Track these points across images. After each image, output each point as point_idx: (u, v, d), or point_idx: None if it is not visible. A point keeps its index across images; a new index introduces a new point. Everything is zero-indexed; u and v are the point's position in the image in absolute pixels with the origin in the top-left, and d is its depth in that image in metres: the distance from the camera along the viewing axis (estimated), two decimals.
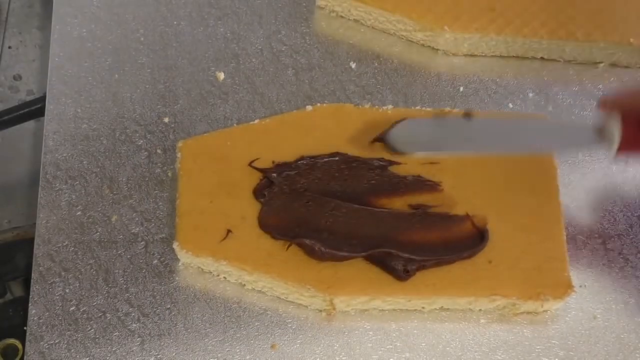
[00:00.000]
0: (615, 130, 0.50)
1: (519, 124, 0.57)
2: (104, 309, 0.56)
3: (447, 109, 0.62)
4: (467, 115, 0.56)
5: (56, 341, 0.54)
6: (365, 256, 0.55)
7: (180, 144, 0.59)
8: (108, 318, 0.55)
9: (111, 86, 0.64)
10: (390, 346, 0.56)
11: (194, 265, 0.57)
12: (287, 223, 0.56)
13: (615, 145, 0.50)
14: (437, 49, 0.67)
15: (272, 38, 0.67)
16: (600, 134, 0.51)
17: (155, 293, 0.56)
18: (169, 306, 0.56)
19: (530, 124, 0.58)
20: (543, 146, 0.56)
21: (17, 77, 0.70)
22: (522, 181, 0.59)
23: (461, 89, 0.66)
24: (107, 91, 0.63)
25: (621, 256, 0.60)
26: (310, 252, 0.55)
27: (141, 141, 0.61)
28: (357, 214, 0.56)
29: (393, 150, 0.57)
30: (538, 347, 0.56)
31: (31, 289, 0.56)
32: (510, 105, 0.65)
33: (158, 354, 0.55)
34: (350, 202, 0.56)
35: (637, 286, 0.59)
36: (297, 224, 0.56)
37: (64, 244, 0.57)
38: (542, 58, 0.68)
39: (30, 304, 0.55)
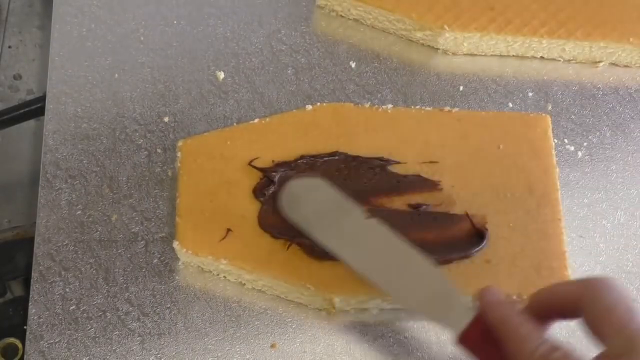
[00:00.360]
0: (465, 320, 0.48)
1: (409, 260, 0.51)
2: (104, 308, 0.56)
3: (447, 108, 0.62)
4: (370, 215, 0.53)
5: (56, 340, 0.54)
6: None
7: (180, 143, 0.59)
8: (108, 317, 0.55)
9: (111, 86, 0.64)
10: (391, 346, 0.56)
11: (194, 265, 0.57)
12: (287, 222, 0.56)
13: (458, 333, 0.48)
14: (437, 49, 0.67)
15: (272, 37, 0.67)
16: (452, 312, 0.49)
17: (155, 292, 0.56)
18: (169, 305, 0.56)
19: (419, 269, 0.52)
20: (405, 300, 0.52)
21: (17, 77, 0.70)
22: (522, 180, 0.59)
23: (461, 88, 0.66)
24: (107, 91, 0.63)
25: (621, 256, 0.60)
26: (310, 252, 0.55)
27: (141, 140, 0.61)
28: None
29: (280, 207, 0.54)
30: None
31: (31, 288, 0.56)
32: (510, 105, 0.65)
33: (158, 353, 0.55)
34: None
35: (637, 286, 0.59)
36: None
37: (64, 243, 0.57)
38: (541, 57, 0.68)
39: (30, 303, 0.55)
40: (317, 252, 0.55)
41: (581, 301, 0.45)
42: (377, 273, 0.51)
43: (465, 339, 0.48)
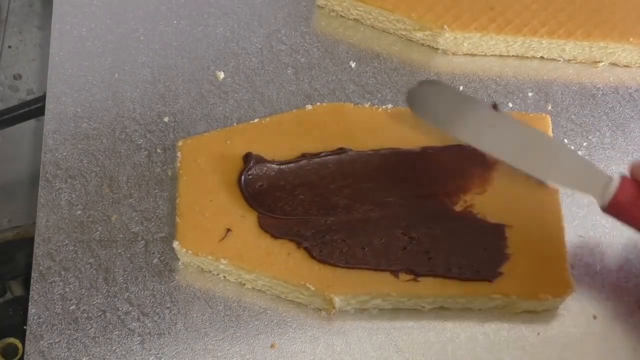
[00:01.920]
0: (615, 186, 0.52)
1: (537, 139, 0.57)
2: (104, 308, 0.56)
3: None
4: (495, 107, 0.56)
5: (56, 340, 0.54)
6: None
7: (180, 143, 0.59)
8: (108, 317, 0.55)
9: (111, 85, 0.64)
10: (391, 345, 0.56)
11: (194, 265, 0.57)
12: (287, 222, 0.56)
13: (608, 200, 0.52)
14: (437, 48, 0.67)
15: (272, 37, 0.67)
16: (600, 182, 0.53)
17: (155, 292, 0.56)
18: (169, 305, 0.56)
19: (549, 145, 0.57)
20: (548, 174, 0.56)
21: (17, 77, 0.70)
22: (522, 180, 0.59)
23: (461, 88, 0.66)
24: (107, 90, 0.63)
25: (621, 256, 0.60)
26: (310, 255, 0.55)
27: (141, 140, 0.61)
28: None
29: (412, 109, 0.57)
30: (537, 346, 0.56)
31: (31, 288, 0.56)
32: (510, 105, 0.65)
33: (158, 353, 0.55)
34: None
35: (636, 286, 0.59)
36: (297, 223, 0.56)
37: (64, 243, 0.57)
38: (541, 57, 0.68)
39: (30, 303, 0.55)
40: (318, 255, 0.55)
41: None
42: (516, 157, 0.55)
43: (613, 206, 0.52)
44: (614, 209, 0.53)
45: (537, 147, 0.56)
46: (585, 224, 0.61)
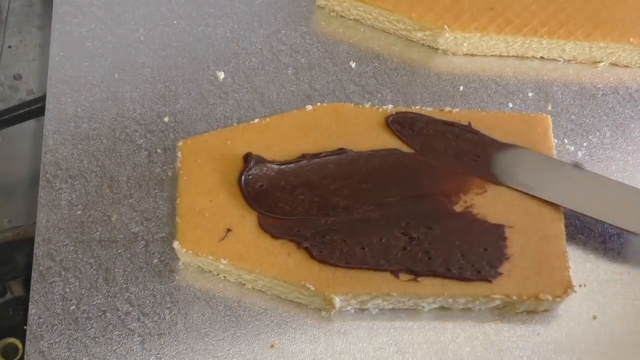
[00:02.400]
0: None
1: (624, 191, 0.59)
2: (104, 308, 0.56)
3: (447, 108, 0.62)
4: (577, 165, 0.59)
5: (56, 340, 0.54)
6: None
7: (180, 143, 0.59)
8: (108, 317, 0.55)
9: (111, 86, 0.64)
10: (391, 345, 0.56)
11: (194, 265, 0.57)
12: (287, 222, 0.56)
13: None
14: (437, 49, 0.67)
15: (272, 37, 0.67)
16: None
17: (155, 292, 0.56)
18: (169, 305, 0.56)
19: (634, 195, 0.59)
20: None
21: (17, 77, 0.70)
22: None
23: (461, 88, 0.66)
24: (107, 91, 0.63)
25: (621, 256, 0.60)
26: (310, 255, 0.55)
27: (141, 140, 0.61)
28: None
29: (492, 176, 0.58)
30: (537, 346, 0.56)
31: (31, 288, 0.56)
32: (510, 105, 0.65)
33: (158, 353, 0.55)
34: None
35: (636, 286, 0.59)
36: (297, 223, 0.56)
37: (64, 243, 0.57)
38: (541, 57, 0.68)
39: (30, 303, 0.55)
40: (318, 255, 0.55)
41: None
42: (610, 214, 0.57)
43: None
44: None
45: (628, 201, 0.58)
46: (585, 224, 0.61)
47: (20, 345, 0.56)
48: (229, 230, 0.56)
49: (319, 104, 0.62)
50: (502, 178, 0.58)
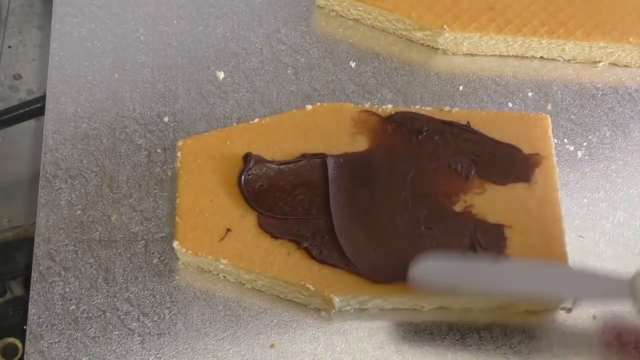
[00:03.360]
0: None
1: (541, 270, 0.54)
2: (103, 308, 0.56)
3: (447, 108, 0.62)
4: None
5: (56, 340, 0.54)
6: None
7: (180, 143, 0.59)
8: (108, 317, 0.55)
9: (111, 85, 0.64)
10: (391, 345, 0.56)
11: (194, 264, 0.57)
12: (287, 222, 0.56)
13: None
14: (437, 48, 0.67)
15: (272, 37, 0.67)
16: (629, 288, 0.50)
17: (155, 292, 0.56)
18: (169, 305, 0.56)
19: (554, 271, 0.55)
20: (566, 294, 0.55)
21: (17, 77, 0.70)
22: (521, 181, 0.59)
23: (461, 88, 0.66)
24: (107, 90, 0.63)
25: (621, 256, 0.60)
26: (310, 255, 0.55)
27: (141, 140, 0.62)
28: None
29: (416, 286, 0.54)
30: (537, 346, 0.56)
31: (31, 288, 0.56)
32: (510, 105, 0.65)
33: (158, 353, 0.55)
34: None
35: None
36: (297, 223, 0.56)
37: (64, 243, 0.57)
38: (541, 57, 0.68)
39: (30, 303, 0.55)
40: (318, 255, 0.55)
41: None
42: (538, 294, 0.54)
43: None
44: None
45: (554, 279, 0.54)
46: (585, 224, 0.61)
47: (20, 345, 0.56)
48: (229, 230, 0.56)
49: (319, 104, 0.62)
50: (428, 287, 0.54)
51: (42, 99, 0.64)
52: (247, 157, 0.57)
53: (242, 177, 0.57)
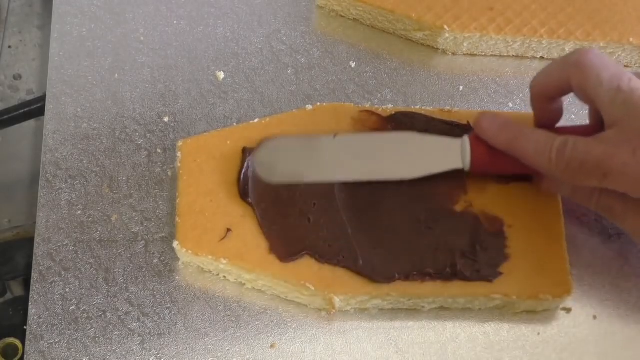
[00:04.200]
0: (467, 148, 0.55)
1: (385, 141, 0.57)
2: (104, 308, 0.56)
3: (447, 108, 0.62)
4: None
5: (56, 340, 0.54)
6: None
7: (180, 143, 0.59)
8: (108, 317, 0.55)
9: (111, 86, 0.64)
10: (391, 345, 0.56)
11: (194, 265, 0.57)
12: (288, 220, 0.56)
13: (468, 162, 0.55)
14: (437, 49, 0.67)
15: (272, 37, 0.67)
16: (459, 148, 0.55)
17: (155, 292, 0.56)
18: (169, 305, 0.56)
19: (394, 141, 0.57)
20: (410, 170, 0.56)
21: (17, 77, 0.70)
22: (522, 180, 0.59)
23: (461, 88, 0.66)
24: (107, 91, 0.63)
25: (621, 256, 0.60)
26: (310, 255, 0.55)
27: (141, 140, 0.62)
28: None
29: (258, 175, 0.56)
30: (537, 346, 0.56)
31: (31, 288, 0.56)
32: (510, 105, 0.65)
33: (158, 353, 0.55)
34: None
35: (636, 286, 0.59)
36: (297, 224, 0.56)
37: (64, 243, 0.57)
38: (541, 57, 0.68)
39: (30, 303, 0.55)
40: (318, 261, 0.55)
41: (572, 79, 0.50)
42: (373, 170, 0.56)
43: (477, 166, 0.55)
44: (478, 168, 0.55)
45: (381, 151, 0.56)
46: (586, 224, 0.61)
47: (20, 345, 0.56)
48: (229, 230, 0.56)
49: (319, 104, 0.62)
50: (268, 177, 0.56)
51: (42, 99, 0.64)
52: (244, 153, 0.57)
53: (242, 170, 0.56)
